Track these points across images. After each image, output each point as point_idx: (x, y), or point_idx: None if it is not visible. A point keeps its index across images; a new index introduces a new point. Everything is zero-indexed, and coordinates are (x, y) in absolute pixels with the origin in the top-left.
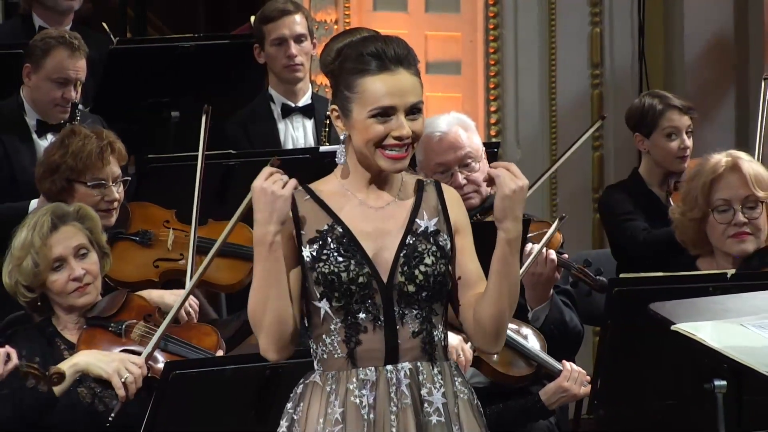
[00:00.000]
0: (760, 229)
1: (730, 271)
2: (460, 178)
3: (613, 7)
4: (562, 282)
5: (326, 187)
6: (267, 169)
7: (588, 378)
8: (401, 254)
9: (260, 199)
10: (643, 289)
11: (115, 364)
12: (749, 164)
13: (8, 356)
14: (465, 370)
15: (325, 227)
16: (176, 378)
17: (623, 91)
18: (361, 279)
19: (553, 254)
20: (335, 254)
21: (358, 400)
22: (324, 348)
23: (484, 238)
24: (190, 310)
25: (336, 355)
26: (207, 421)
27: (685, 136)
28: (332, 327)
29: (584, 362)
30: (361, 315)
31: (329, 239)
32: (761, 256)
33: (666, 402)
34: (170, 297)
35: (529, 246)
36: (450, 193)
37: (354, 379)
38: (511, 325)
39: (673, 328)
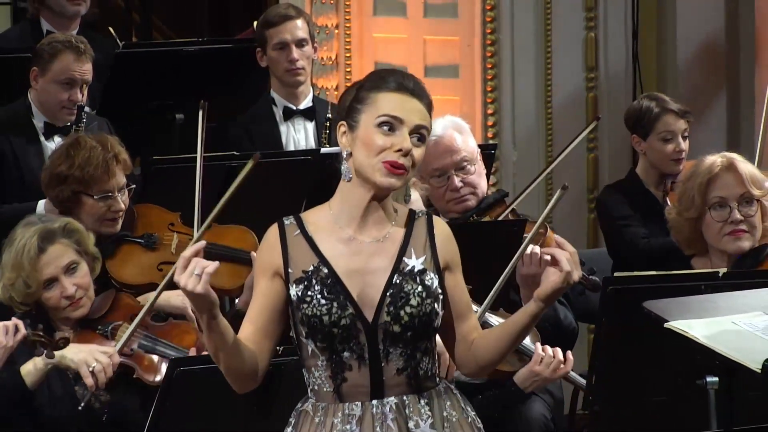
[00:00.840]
0: (756, 227)
1: (722, 270)
2: (457, 181)
3: (608, 12)
4: None
5: (318, 219)
6: (182, 260)
7: (562, 361)
8: (387, 293)
9: (185, 293)
10: (637, 288)
11: (82, 354)
12: (744, 164)
13: (17, 328)
14: (453, 370)
15: (311, 268)
16: (180, 375)
17: (617, 93)
18: (343, 321)
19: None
20: (318, 296)
21: None
22: (314, 380)
23: (482, 239)
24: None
25: (325, 389)
26: (209, 417)
27: (680, 140)
28: (319, 363)
29: (579, 359)
30: (345, 354)
31: (314, 280)
32: (755, 255)
33: (659, 398)
34: (177, 299)
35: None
36: (440, 228)
37: (339, 414)
38: (501, 320)
39: (666, 325)
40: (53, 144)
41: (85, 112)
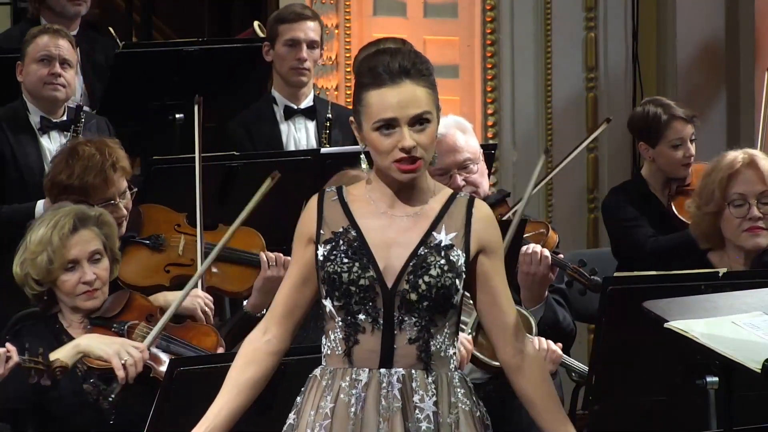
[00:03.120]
0: None
1: (722, 270)
2: (459, 180)
3: (608, 13)
4: (557, 281)
5: (356, 191)
6: None
7: (557, 353)
8: (410, 263)
9: None
10: (636, 288)
11: (116, 346)
12: (766, 161)
13: (8, 355)
14: (464, 364)
15: (341, 230)
16: (180, 375)
17: (617, 93)
18: (362, 281)
19: (547, 253)
20: (342, 255)
21: (347, 398)
22: (329, 344)
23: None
24: (207, 309)
25: (337, 352)
26: None
27: (689, 145)
28: (335, 324)
29: (579, 359)
30: (361, 316)
31: (341, 241)
32: None
33: (659, 398)
34: (186, 299)
35: (523, 249)
36: (481, 213)
37: (347, 378)
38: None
39: (666, 325)
40: (48, 141)
41: (84, 112)
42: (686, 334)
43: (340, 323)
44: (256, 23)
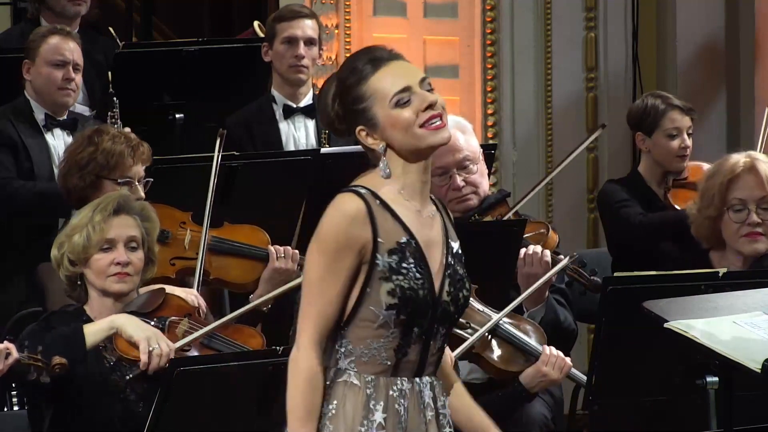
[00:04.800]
0: None
1: (722, 270)
2: (459, 180)
3: (608, 13)
4: (557, 281)
5: (386, 190)
6: None
7: (567, 363)
8: (446, 273)
9: None
10: (636, 288)
11: (149, 332)
12: (766, 165)
13: (8, 352)
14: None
15: (404, 240)
16: (180, 375)
17: (617, 93)
18: (428, 297)
19: (547, 254)
20: (414, 269)
21: (400, 409)
22: (366, 351)
23: (483, 238)
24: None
25: (379, 361)
26: (209, 417)
27: (685, 136)
28: (386, 334)
29: (579, 359)
30: (416, 329)
31: (407, 252)
32: None
33: (659, 398)
34: (189, 296)
35: (523, 250)
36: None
37: (395, 387)
38: (511, 320)
39: (666, 325)
40: (52, 137)
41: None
42: (686, 334)
43: (395, 334)
44: (256, 23)
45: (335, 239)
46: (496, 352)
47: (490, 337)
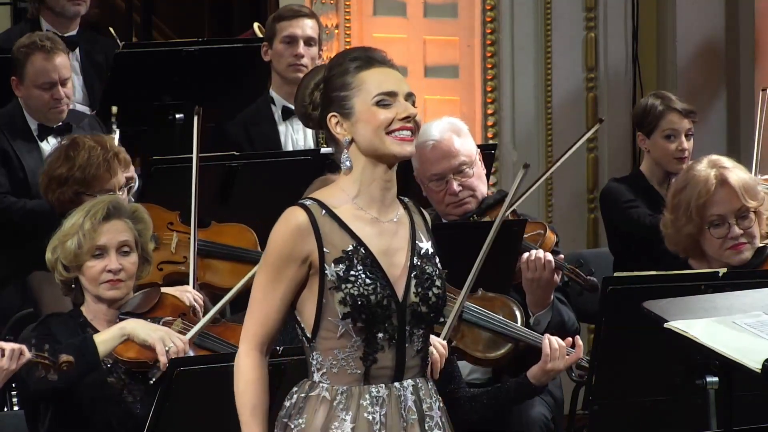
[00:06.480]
0: (755, 236)
1: (722, 270)
2: (455, 185)
3: (608, 13)
4: None
5: (336, 201)
6: None
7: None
8: (412, 275)
9: None
10: (636, 288)
11: (161, 332)
12: (735, 174)
13: (21, 352)
14: (438, 366)
15: (350, 247)
16: (180, 375)
17: (617, 94)
18: (385, 301)
19: (550, 258)
20: (363, 276)
21: (370, 417)
22: (335, 362)
23: (481, 238)
24: (196, 305)
25: (349, 371)
26: (209, 417)
27: (683, 139)
28: (349, 344)
29: None
30: (380, 335)
31: (355, 260)
32: (757, 255)
33: (659, 398)
34: (175, 292)
35: (525, 255)
36: (426, 217)
37: (367, 396)
38: (477, 304)
39: (666, 325)
40: (48, 145)
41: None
42: (686, 334)
43: (359, 343)
44: (256, 24)
45: (279, 251)
46: (474, 340)
47: (457, 323)
